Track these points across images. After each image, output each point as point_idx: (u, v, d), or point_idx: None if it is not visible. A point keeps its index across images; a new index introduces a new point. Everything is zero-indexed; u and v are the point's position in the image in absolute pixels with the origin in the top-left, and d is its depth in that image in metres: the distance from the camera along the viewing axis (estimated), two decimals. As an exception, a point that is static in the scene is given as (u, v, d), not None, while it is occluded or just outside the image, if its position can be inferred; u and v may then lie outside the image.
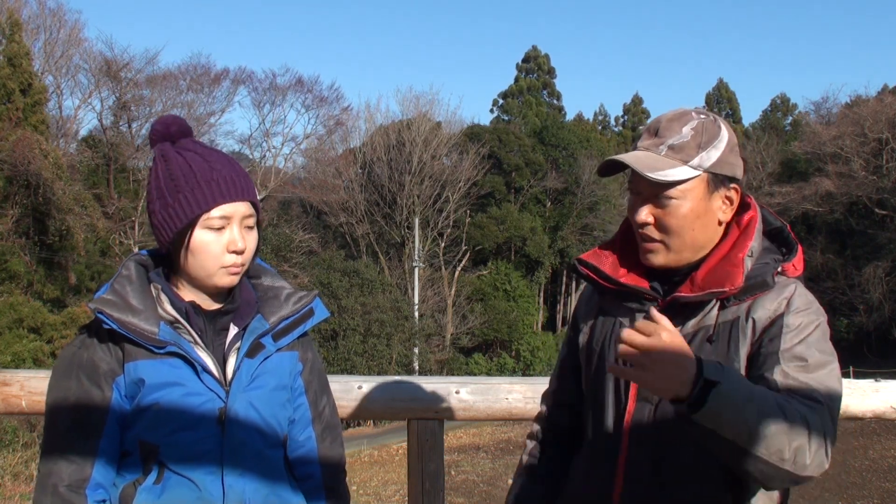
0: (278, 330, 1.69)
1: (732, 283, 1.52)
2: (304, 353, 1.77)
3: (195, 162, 1.58)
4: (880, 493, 14.35)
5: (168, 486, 1.56)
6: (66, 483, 1.52)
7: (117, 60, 31.93)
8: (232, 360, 1.63)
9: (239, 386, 1.61)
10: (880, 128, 36.56)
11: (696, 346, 1.54)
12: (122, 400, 1.57)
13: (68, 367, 1.58)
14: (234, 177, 1.59)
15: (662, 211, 1.56)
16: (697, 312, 1.56)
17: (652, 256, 1.60)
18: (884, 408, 2.40)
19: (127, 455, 1.59)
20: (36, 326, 19.94)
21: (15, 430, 15.87)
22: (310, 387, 1.78)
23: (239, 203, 1.59)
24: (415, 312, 31.83)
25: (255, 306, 1.69)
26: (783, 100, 58.02)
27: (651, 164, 1.54)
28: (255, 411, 1.62)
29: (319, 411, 1.80)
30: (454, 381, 2.50)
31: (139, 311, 1.56)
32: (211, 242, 1.58)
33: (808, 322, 1.51)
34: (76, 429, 1.55)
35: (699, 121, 1.58)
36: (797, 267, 1.61)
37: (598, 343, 1.69)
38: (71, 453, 1.54)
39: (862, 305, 36.02)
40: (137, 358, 1.55)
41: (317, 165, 40.80)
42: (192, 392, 1.57)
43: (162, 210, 1.57)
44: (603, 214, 42.55)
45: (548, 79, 54.46)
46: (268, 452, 1.66)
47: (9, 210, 23.19)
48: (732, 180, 1.59)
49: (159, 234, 1.59)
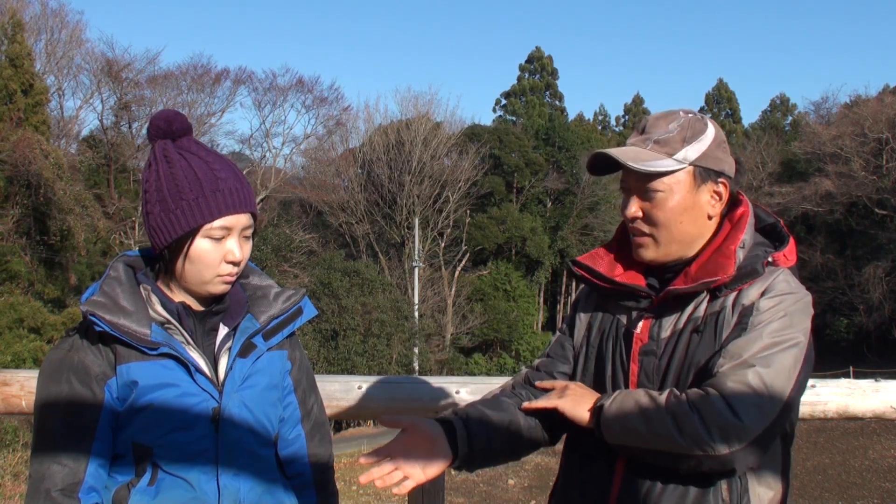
0: (268, 329, 1.69)
1: (725, 272, 1.55)
2: (292, 352, 1.78)
3: (200, 168, 1.57)
4: (880, 493, 14.35)
5: (162, 488, 1.55)
6: (59, 487, 1.51)
7: (118, 61, 31.98)
8: (223, 360, 1.63)
9: (232, 386, 1.61)
10: (880, 128, 36.55)
11: (687, 338, 1.57)
12: (114, 402, 1.56)
13: (58, 369, 1.56)
14: (238, 187, 1.59)
15: (650, 204, 1.60)
16: (689, 304, 1.59)
17: (642, 251, 1.64)
18: (884, 408, 2.40)
19: (118, 457, 1.58)
20: (36, 326, 19.94)
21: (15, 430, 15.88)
22: (298, 385, 1.79)
23: (241, 215, 1.59)
24: (415, 312, 31.82)
25: (245, 306, 1.69)
26: (783, 100, 58.02)
27: (635, 156, 1.58)
28: (248, 411, 1.63)
29: (308, 409, 1.80)
30: (454, 381, 2.50)
31: (130, 313, 1.55)
32: (210, 252, 1.57)
33: (778, 308, 1.52)
34: (68, 432, 1.53)
35: (686, 118, 1.62)
36: (788, 257, 1.64)
37: (596, 339, 1.71)
38: (63, 457, 1.52)
39: (862, 305, 36.03)
40: (130, 360, 1.54)
41: (317, 165, 40.82)
42: (186, 393, 1.56)
43: (162, 214, 1.56)
44: (603, 214, 42.56)
45: (550, 80, 54.48)
46: (261, 451, 1.66)
47: (9, 210, 23.20)
48: (720, 175, 1.61)
49: (156, 237, 1.58)
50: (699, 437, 1.45)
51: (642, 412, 1.51)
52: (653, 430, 1.49)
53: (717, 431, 1.44)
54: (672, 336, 1.59)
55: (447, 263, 38.52)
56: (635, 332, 1.63)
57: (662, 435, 1.48)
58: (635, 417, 1.51)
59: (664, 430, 1.47)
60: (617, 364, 1.65)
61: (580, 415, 1.60)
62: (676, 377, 1.57)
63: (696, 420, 1.45)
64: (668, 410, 1.49)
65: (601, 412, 1.56)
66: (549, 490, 1.82)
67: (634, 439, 1.52)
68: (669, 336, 1.59)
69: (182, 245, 1.56)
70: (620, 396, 1.56)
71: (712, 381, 1.49)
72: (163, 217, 1.56)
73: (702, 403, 1.46)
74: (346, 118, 41.22)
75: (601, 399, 1.59)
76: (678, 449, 1.47)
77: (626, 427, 1.52)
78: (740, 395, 1.45)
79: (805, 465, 16.17)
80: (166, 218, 1.56)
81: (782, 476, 1.59)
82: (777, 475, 1.57)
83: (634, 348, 1.62)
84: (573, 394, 1.64)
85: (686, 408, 1.47)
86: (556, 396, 1.65)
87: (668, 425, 1.47)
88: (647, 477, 1.55)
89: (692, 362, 1.55)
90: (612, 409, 1.55)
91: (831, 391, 2.40)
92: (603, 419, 1.55)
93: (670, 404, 1.50)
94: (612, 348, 1.66)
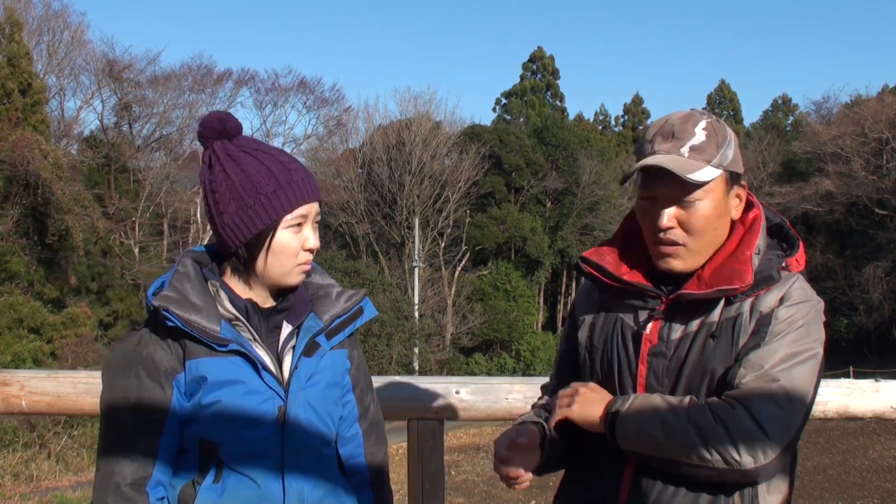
0: (331, 328, 1.70)
1: (743, 280, 1.53)
2: (351, 351, 1.78)
3: (270, 162, 1.59)
4: (880, 493, 14.34)
5: (228, 486, 1.55)
6: (129, 481, 1.51)
7: (119, 61, 31.96)
8: (287, 358, 1.63)
9: (298, 384, 1.61)
10: (880, 128, 36.55)
11: (701, 343, 1.55)
12: (182, 398, 1.56)
13: (127, 364, 1.56)
14: (307, 176, 1.61)
15: (686, 213, 1.56)
16: (704, 310, 1.56)
17: (673, 261, 1.59)
18: (884, 408, 2.40)
19: (183, 453, 1.58)
20: (36, 326, 19.94)
21: (15, 430, 15.88)
22: (357, 384, 1.79)
23: (314, 203, 1.61)
24: (415, 312, 31.82)
25: (309, 304, 1.69)
26: (784, 100, 58.04)
27: (683, 166, 1.54)
28: (312, 410, 1.63)
29: (366, 408, 1.81)
30: (454, 381, 2.50)
31: (201, 309, 1.55)
32: (291, 242, 1.59)
33: (795, 317, 1.53)
34: (138, 427, 1.54)
35: (707, 120, 1.60)
36: (800, 262, 1.63)
37: (601, 341, 1.68)
38: (133, 451, 1.53)
39: (862, 305, 36.03)
40: (199, 356, 1.54)
41: (317, 166, 40.81)
42: (252, 390, 1.57)
43: (240, 211, 1.56)
44: (603, 214, 42.51)
45: (551, 80, 54.47)
46: (324, 451, 1.66)
47: (9, 210, 23.17)
48: (741, 177, 1.61)
49: (233, 235, 1.58)
50: (725, 451, 1.43)
51: (662, 420, 1.48)
52: (673, 439, 1.46)
53: (745, 446, 1.43)
54: (683, 339, 1.57)
55: (447, 263, 38.50)
56: (644, 333, 1.60)
57: (684, 445, 1.46)
58: (654, 425, 1.48)
59: (686, 441, 1.45)
60: (624, 365, 1.62)
61: (591, 419, 1.57)
62: (689, 381, 1.55)
63: (723, 433, 1.43)
64: (691, 421, 1.46)
65: (616, 417, 1.52)
66: (553, 491, 1.80)
67: (651, 447, 1.49)
68: (680, 338, 1.57)
69: (263, 239, 1.58)
70: (637, 402, 1.52)
71: (737, 394, 1.47)
72: (240, 214, 1.57)
73: (728, 417, 1.44)
74: (346, 118, 41.30)
75: (614, 403, 1.54)
76: (700, 461, 1.45)
77: (642, 434, 1.49)
78: (766, 410, 1.44)
79: (805, 465, 16.15)
80: (244, 214, 1.56)
81: (788, 480, 1.59)
82: (784, 479, 1.57)
83: (643, 349, 1.59)
84: (582, 399, 1.59)
85: (711, 420, 1.45)
86: (565, 405, 1.61)
87: (691, 436, 1.45)
88: (657, 480, 1.54)
89: (707, 367, 1.53)
90: (628, 415, 1.51)
91: (831, 391, 2.40)
92: (618, 425, 1.52)
93: (693, 414, 1.47)
94: (619, 349, 1.63)
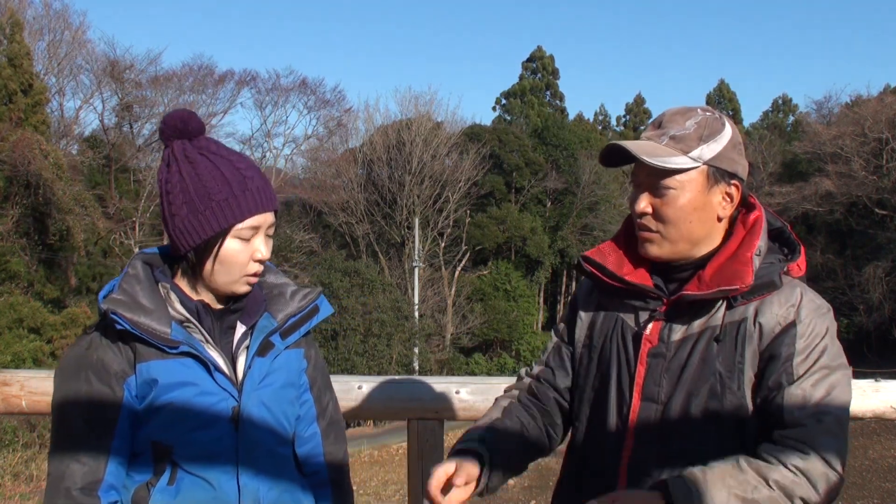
0: (286, 328, 1.69)
1: (743, 281, 1.53)
2: (308, 350, 1.77)
3: (226, 168, 1.56)
4: (880, 493, 14.34)
5: (183, 487, 1.55)
6: (79, 485, 1.50)
7: (120, 61, 31.93)
8: (241, 358, 1.63)
9: (251, 385, 1.61)
10: (880, 128, 36.51)
11: (704, 345, 1.55)
12: (133, 400, 1.55)
13: (77, 368, 1.55)
14: (263, 185, 1.59)
15: (660, 200, 1.58)
16: (705, 311, 1.56)
17: (649, 246, 1.61)
18: (884, 408, 2.40)
19: (136, 456, 1.58)
20: (36, 326, 19.93)
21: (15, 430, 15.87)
22: (314, 383, 1.79)
23: (268, 213, 1.59)
24: (415, 312, 31.80)
25: (263, 304, 1.68)
26: (785, 100, 58.02)
27: (650, 150, 1.56)
28: (266, 410, 1.63)
29: (324, 407, 1.80)
30: (454, 381, 2.50)
31: (150, 311, 1.55)
32: (239, 252, 1.57)
33: (818, 331, 1.53)
34: (88, 429, 1.53)
35: (703, 116, 1.60)
36: (801, 267, 1.63)
37: (599, 340, 1.68)
38: (83, 454, 1.52)
39: (862, 305, 35.98)
40: (149, 358, 1.54)
41: (317, 166, 40.80)
42: (205, 391, 1.56)
43: (190, 216, 1.54)
44: (603, 214, 42.52)
45: (551, 80, 54.40)
46: (279, 450, 1.66)
47: (9, 210, 23.16)
48: (733, 177, 1.60)
49: (183, 239, 1.56)
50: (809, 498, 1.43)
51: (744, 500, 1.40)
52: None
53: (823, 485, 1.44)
54: (685, 340, 1.57)
55: (447, 263, 38.50)
56: (645, 334, 1.60)
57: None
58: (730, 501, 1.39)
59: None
60: (623, 365, 1.62)
61: None
62: (691, 383, 1.54)
63: (804, 483, 1.43)
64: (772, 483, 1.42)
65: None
66: (551, 491, 1.80)
67: None
68: (681, 340, 1.57)
69: (211, 246, 1.56)
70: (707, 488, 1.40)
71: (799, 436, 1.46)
72: (191, 218, 1.55)
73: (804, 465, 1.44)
74: (346, 119, 41.28)
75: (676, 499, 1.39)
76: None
77: None
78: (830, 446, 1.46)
79: (805, 465, 16.14)
80: (195, 219, 1.54)
81: None
82: None
83: (643, 350, 1.59)
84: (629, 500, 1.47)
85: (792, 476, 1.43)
86: None
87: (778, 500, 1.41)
88: (655, 476, 1.53)
89: (711, 370, 1.53)
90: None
91: (832, 391, 2.39)
92: None
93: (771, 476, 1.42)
94: (618, 349, 1.63)
